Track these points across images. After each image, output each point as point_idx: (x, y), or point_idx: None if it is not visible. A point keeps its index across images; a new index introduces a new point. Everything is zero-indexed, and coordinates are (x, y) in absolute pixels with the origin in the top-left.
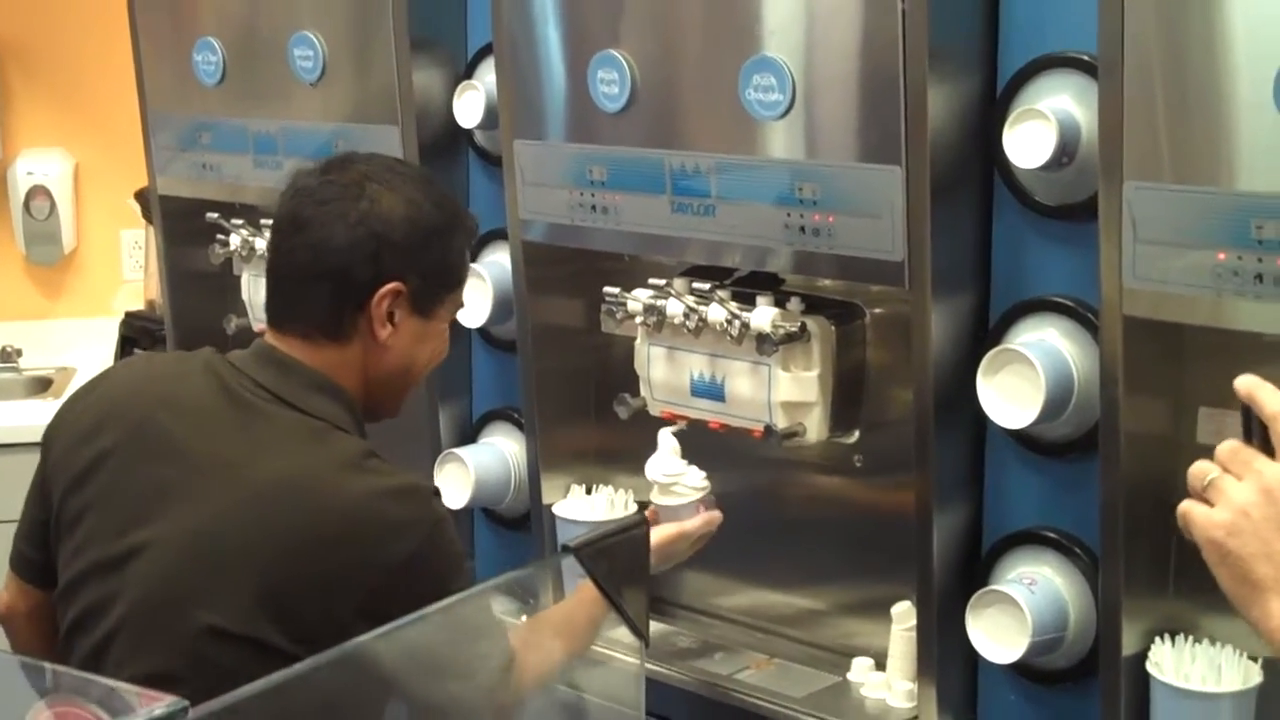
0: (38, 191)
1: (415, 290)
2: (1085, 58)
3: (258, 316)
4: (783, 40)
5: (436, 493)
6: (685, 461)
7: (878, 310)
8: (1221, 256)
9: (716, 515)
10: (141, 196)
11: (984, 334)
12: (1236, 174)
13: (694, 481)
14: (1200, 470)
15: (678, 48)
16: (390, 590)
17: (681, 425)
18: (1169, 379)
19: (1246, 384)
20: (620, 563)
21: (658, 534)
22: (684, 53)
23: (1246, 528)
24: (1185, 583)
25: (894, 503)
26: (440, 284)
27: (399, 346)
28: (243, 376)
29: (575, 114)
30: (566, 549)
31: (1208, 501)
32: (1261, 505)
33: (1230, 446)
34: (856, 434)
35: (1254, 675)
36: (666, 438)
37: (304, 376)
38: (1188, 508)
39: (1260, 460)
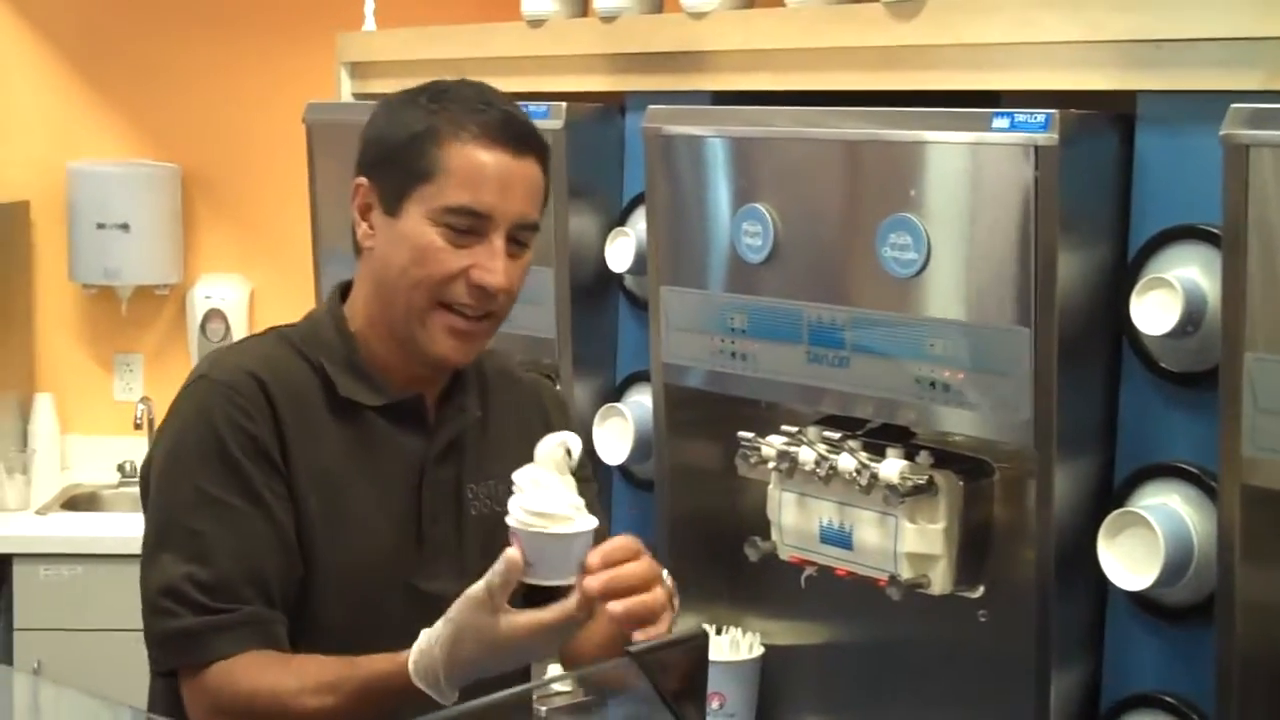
0: (214, 315)
1: (379, 185)
2: (1214, 229)
3: None
4: (920, 201)
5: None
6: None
7: (1005, 467)
8: None
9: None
10: None
11: (1107, 496)
12: None
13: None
14: None
15: (819, 203)
16: None
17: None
18: None
19: None
20: (679, 672)
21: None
22: (825, 209)
23: None
24: None
25: (1015, 659)
26: (402, 176)
27: (378, 249)
28: None
29: (720, 263)
30: (627, 652)
31: None
32: None
33: None
34: (981, 589)
35: None
36: (551, 449)
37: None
38: None
39: None
